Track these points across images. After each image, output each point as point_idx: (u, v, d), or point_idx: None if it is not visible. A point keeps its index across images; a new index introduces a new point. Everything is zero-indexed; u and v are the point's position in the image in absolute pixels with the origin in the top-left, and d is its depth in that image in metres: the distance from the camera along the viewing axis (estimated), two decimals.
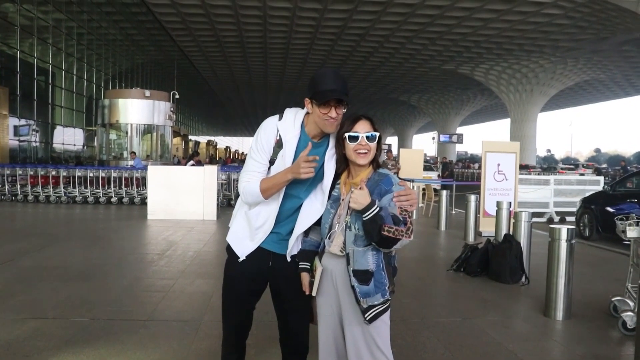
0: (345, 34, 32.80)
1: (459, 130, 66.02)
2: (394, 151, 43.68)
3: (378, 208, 2.21)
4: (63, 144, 29.05)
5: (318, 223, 2.49)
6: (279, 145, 2.43)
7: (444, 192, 11.46)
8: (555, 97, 48.27)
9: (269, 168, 2.47)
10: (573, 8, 26.48)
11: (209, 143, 61.85)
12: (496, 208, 7.81)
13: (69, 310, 4.66)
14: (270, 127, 2.46)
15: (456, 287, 6.12)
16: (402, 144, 77.03)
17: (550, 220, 13.56)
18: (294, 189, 2.46)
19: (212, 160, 43.32)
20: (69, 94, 30.08)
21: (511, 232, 6.85)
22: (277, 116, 2.50)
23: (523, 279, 6.25)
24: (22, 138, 24.50)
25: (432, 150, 64.57)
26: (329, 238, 2.39)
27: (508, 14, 27.76)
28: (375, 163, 2.41)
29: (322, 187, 2.45)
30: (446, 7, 27.19)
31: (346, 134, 2.34)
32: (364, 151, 2.33)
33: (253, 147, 2.48)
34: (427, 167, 26.22)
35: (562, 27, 29.56)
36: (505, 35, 31.86)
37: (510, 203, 7.99)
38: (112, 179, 14.97)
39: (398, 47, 35.73)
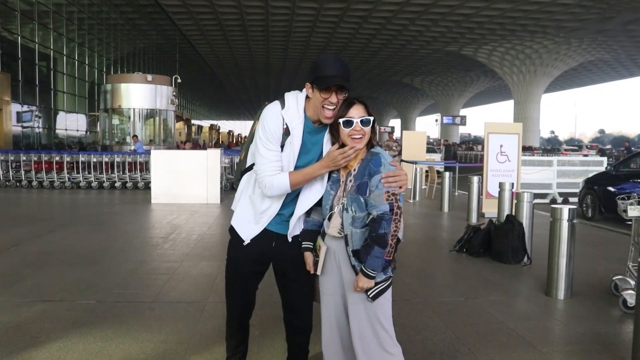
0: (348, 16, 32.55)
1: (463, 112, 65.69)
2: (397, 133, 43.62)
3: (379, 279, 2.34)
4: (66, 129, 29.07)
5: (319, 203, 2.52)
6: (286, 133, 2.44)
7: (447, 174, 11.47)
8: (559, 78, 47.90)
9: None
10: None
11: (211, 127, 61.79)
12: (499, 189, 7.83)
13: (75, 293, 4.72)
14: (276, 116, 2.45)
15: (459, 268, 6.16)
16: (405, 126, 76.71)
17: (554, 201, 13.57)
18: (290, 198, 2.52)
19: (216, 145, 43.33)
20: (71, 80, 30.02)
21: (513, 213, 6.87)
22: (278, 104, 2.49)
23: (525, 259, 6.28)
24: (25, 124, 24.52)
25: (435, 133, 64.32)
26: (328, 219, 2.43)
27: None
28: (369, 144, 2.41)
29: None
30: None
31: (340, 120, 2.34)
32: (358, 136, 2.33)
33: (262, 136, 2.45)
34: (430, 149, 26.17)
35: (566, 6, 29.26)
36: (509, 15, 31.57)
37: (512, 184, 8.01)
38: (115, 164, 15.01)
39: (401, 29, 35.45)
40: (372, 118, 2.37)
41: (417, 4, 29.65)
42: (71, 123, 29.73)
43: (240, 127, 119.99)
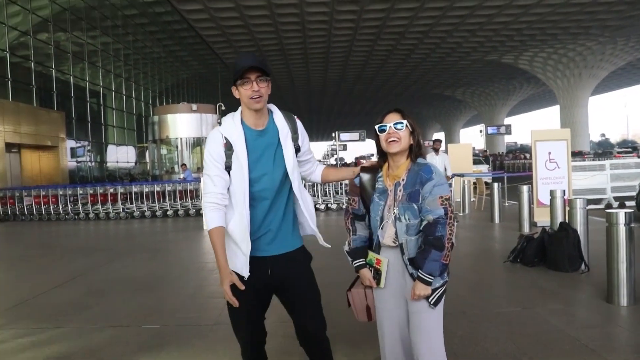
0: (385, 33, 32.77)
1: (507, 120, 64.74)
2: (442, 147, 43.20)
3: (437, 285, 2.41)
4: (117, 161, 30.13)
5: (361, 218, 2.60)
6: (228, 148, 2.46)
7: (495, 185, 11.34)
8: (607, 79, 46.72)
9: (229, 174, 2.48)
10: None
11: None
12: (550, 197, 7.71)
13: (140, 318, 4.92)
14: (214, 136, 2.51)
15: (514, 278, 6.10)
16: (449, 139, 75.94)
17: (609, 206, 13.20)
18: (260, 195, 2.49)
19: None
20: (120, 113, 31.18)
21: (567, 220, 6.75)
22: (217, 127, 2.57)
23: (582, 266, 6.16)
24: (79, 159, 25.61)
25: (480, 144, 63.45)
26: (382, 229, 2.49)
27: None
28: (413, 154, 2.49)
29: (289, 168, 2.53)
30: None
31: (376, 127, 2.48)
32: (393, 139, 2.44)
33: (206, 158, 2.51)
34: (477, 160, 25.84)
35: (609, 5, 28.66)
36: (548, 20, 31.12)
37: (564, 191, 7.87)
38: (166, 193, 15.46)
39: (438, 41, 35.41)
40: (405, 122, 2.46)
41: (454, 15, 29.62)
42: (121, 155, 30.81)
43: None
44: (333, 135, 37.75)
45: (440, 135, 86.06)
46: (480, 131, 57.07)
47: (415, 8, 28.11)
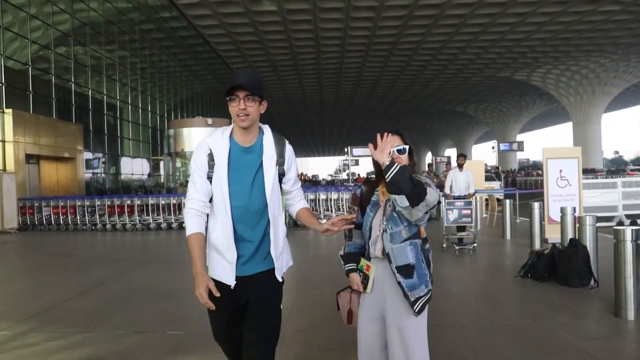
0: (397, 49, 33.08)
1: (519, 137, 64.66)
2: (453, 163, 43.25)
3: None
4: (132, 174, 30.55)
5: (358, 227, 2.78)
6: (211, 159, 2.53)
7: (507, 202, 11.49)
8: (620, 96, 46.68)
9: (212, 184, 2.54)
10: (633, 2, 25.73)
11: None
12: (560, 214, 7.87)
13: (165, 325, 5.14)
14: (200, 145, 2.58)
15: (524, 292, 6.25)
16: None
17: (620, 224, 13.26)
18: (236, 212, 2.51)
19: None
20: (135, 126, 31.66)
21: (577, 237, 6.90)
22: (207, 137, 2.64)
23: (592, 282, 6.30)
24: (95, 171, 26.05)
25: (492, 160, 63.36)
26: (373, 244, 2.70)
27: (562, 15, 27.35)
28: None
29: (267, 191, 2.52)
30: (498, 15, 27.08)
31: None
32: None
33: (191, 164, 2.59)
34: (489, 177, 25.94)
35: (622, 22, 28.80)
36: (561, 37, 31.30)
37: (574, 208, 8.02)
38: (182, 205, 15.73)
39: (451, 58, 35.68)
40: (407, 147, 2.67)
41: (467, 32, 29.88)
42: (136, 168, 31.23)
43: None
44: (345, 150, 38.03)
45: (452, 152, 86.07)
46: (493, 147, 57.08)
47: (428, 25, 28.43)
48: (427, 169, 19.42)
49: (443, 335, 4.53)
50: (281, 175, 2.61)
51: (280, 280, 2.65)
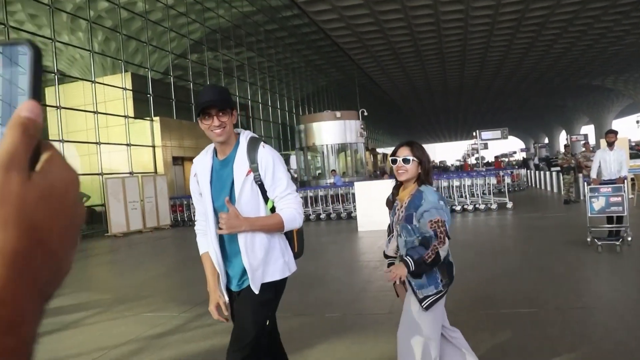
0: (523, 26, 31.51)
1: None
2: (591, 141, 40.51)
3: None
4: None
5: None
6: (197, 181, 2.63)
7: None
8: None
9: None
10: None
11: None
12: None
13: (321, 308, 5.55)
14: (191, 167, 2.70)
15: None
16: (599, 133, 70.37)
17: None
18: (230, 244, 2.58)
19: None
20: (266, 124, 33.23)
21: None
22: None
23: None
24: None
25: (637, 135, 58.29)
26: (389, 242, 3.12)
27: None
28: (419, 181, 2.91)
29: (236, 200, 2.49)
30: None
31: (390, 158, 3.00)
32: (401, 171, 2.91)
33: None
34: (634, 154, 23.97)
35: None
36: None
37: None
38: (318, 197, 16.38)
39: (585, 28, 33.25)
40: (411, 158, 2.88)
41: None
42: None
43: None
44: (473, 134, 37.06)
45: (589, 129, 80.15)
46: (637, 121, 52.43)
47: None
48: (563, 150, 18.43)
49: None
50: (260, 182, 2.54)
51: (257, 292, 2.54)
